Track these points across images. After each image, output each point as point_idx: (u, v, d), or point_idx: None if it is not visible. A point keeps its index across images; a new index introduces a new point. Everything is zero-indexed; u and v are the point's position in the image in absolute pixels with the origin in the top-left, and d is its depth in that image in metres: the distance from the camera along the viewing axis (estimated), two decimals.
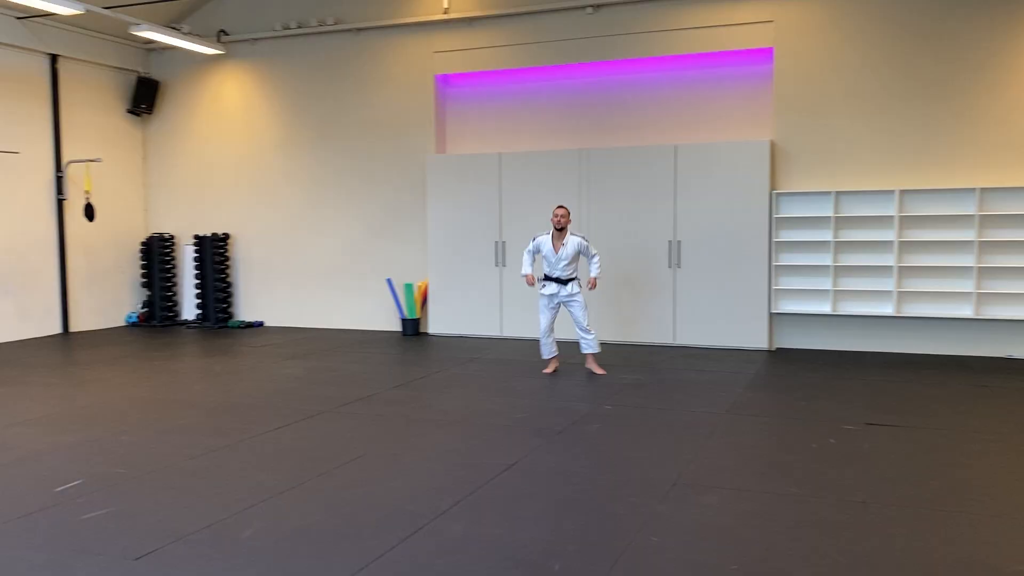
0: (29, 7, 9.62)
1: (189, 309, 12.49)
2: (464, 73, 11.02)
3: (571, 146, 10.65)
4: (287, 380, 8.04)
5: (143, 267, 12.49)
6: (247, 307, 12.33)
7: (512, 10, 10.51)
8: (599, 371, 8.17)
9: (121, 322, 12.38)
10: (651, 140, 10.37)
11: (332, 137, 11.65)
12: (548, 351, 8.27)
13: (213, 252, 12.06)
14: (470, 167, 10.71)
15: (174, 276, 12.56)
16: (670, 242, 9.87)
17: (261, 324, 12.16)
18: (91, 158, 11.48)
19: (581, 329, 8.07)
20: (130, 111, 12.34)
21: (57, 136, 11.31)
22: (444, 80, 11.24)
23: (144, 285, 12.50)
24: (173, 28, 11.21)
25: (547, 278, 8.10)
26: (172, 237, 12.53)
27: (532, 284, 8.15)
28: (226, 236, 12.20)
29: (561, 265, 7.98)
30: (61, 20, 10.82)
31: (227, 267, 12.22)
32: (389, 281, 11.33)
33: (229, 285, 12.25)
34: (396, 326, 11.41)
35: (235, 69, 12.11)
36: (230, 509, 4.34)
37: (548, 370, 8.27)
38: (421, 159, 11.11)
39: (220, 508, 4.36)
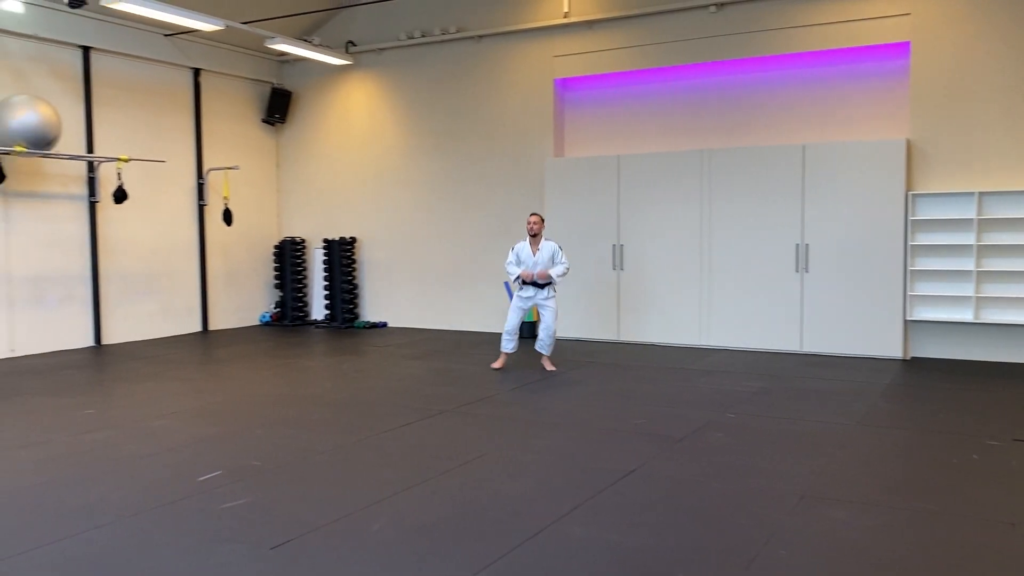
0: (175, 24, 10.28)
1: (318, 309, 13.02)
2: (583, 76, 11.01)
3: (692, 147, 10.46)
4: (410, 379, 8.25)
5: (276, 269, 13.11)
6: (372, 308, 12.74)
7: (633, 12, 10.43)
8: (551, 367, 8.68)
9: (255, 321, 13.03)
10: (777, 140, 10.06)
11: (452, 142, 11.89)
12: (510, 347, 8.72)
13: (340, 255, 12.53)
14: (589, 169, 10.69)
15: (304, 278, 13.12)
16: (797, 245, 9.54)
17: (385, 325, 12.53)
18: (229, 166, 12.14)
19: (547, 332, 8.64)
20: (265, 121, 12.98)
21: (199, 145, 12.03)
22: (563, 84, 11.27)
23: (277, 286, 13.12)
24: (305, 40, 11.71)
25: (524, 283, 8.61)
26: (303, 240, 13.10)
27: (530, 279, 8.53)
28: (353, 239, 12.64)
29: (538, 269, 8.49)
30: (203, 36, 11.50)
31: (354, 269, 12.67)
32: (507, 284, 11.44)
33: (355, 287, 12.69)
34: None
35: (362, 78, 12.54)
36: (359, 503, 4.49)
37: (497, 364, 8.77)
38: (539, 162, 11.18)
39: (349, 502, 4.52)
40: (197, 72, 11.91)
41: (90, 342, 10.64)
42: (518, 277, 8.59)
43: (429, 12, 11.78)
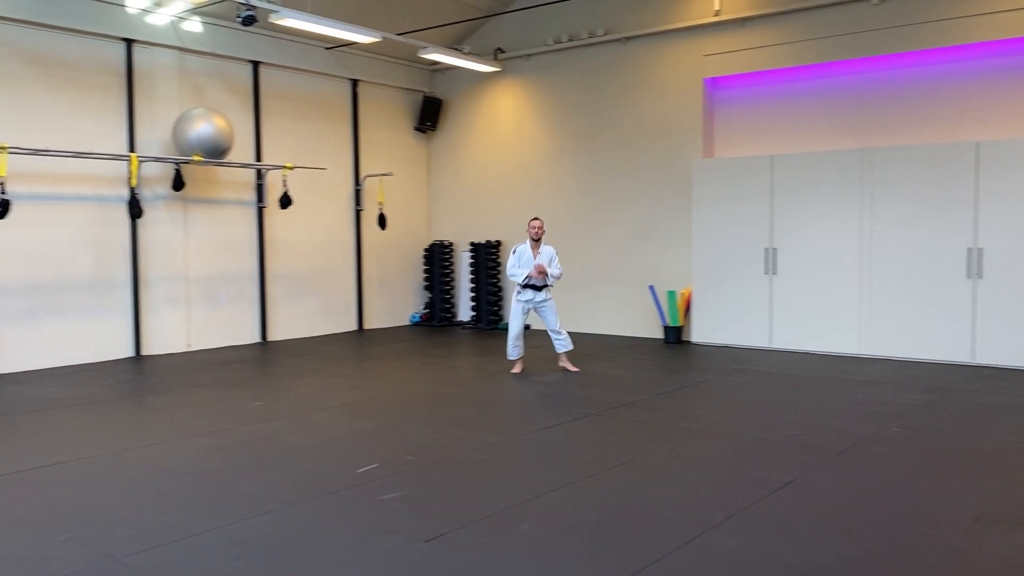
0: (335, 38, 10.82)
1: (464, 311, 13.33)
2: (735, 75, 10.72)
3: (851, 146, 9.97)
4: (554, 382, 8.30)
5: (425, 271, 13.54)
6: None
7: (788, 7, 10.06)
8: (572, 368, 8.78)
9: (406, 321, 13.49)
10: (946, 137, 9.42)
11: (598, 145, 11.87)
12: (517, 353, 8.74)
13: (486, 258, 12.77)
14: (739, 171, 10.39)
15: (452, 280, 13.46)
16: (969, 250, 8.89)
17: (527, 327, 12.63)
18: (384, 172, 12.64)
19: (553, 331, 8.72)
20: (417, 128, 13.44)
21: (356, 153, 12.60)
22: (713, 83, 11.01)
23: (426, 288, 13.54)
24: (455, 49, 12.03)
25: (524, 286, 8.65)
26: (451, 244, 13.45)
27: (543, 271, 8.56)
28: (498, 243, 12.86)
29: (536, 262, 8.53)
30: (360, 48, 12.04)
31: (498, 272, 12.88)
32: (651, 288, 11.30)
33: (500, 289, 12.90)
34: (658, 333, 11.35)
35: (510, 84, 12.75)
36: (508, 501, 4.56)
37: (516, 370, 8.73)
38: (687, 164, 10.97)
39: (499, 500, 4.59)
40: (355, 83, 12.48)
41: (257, 338, 11.35)
42: (528, 276, 8.59)
43: (576, 16, 11.82)
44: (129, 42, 9.82)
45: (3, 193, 8.22)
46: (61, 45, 9.30)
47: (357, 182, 12.61)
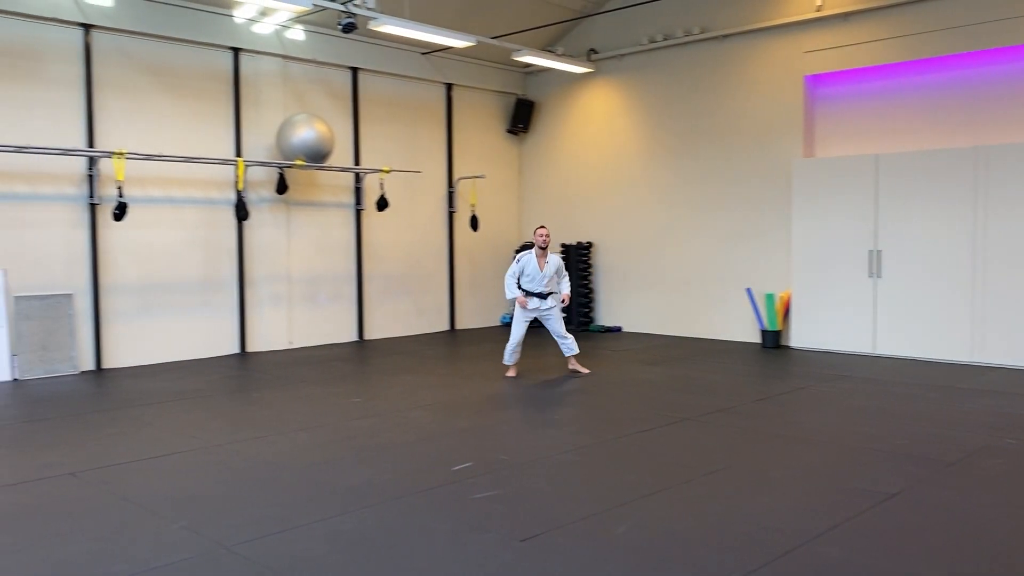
0: (431, 43, 11.01)
1: None
2: (836, 72, 10.38)
3: (963, 144, 9.51)
4: (647, 385, 8.21)
5: None
6: (607, 312, 12.84)
7: (895, 0, 9.68)
8: (583, 370, 8.84)
9: (496, 322, 13.60)
10: None
11: (693, 145, 11.69)
12: (514, 359, 8.69)
13: (577, 259, 12.75)
14: (842, 170, 10.05)
15: None
16: None
17: (619, 329, 12.58)
18: (477, 175, 12.78)
19: (559, 336, 8.75)
20: (509, 131, 13.54)
21: (450, 156, 12.79)
22: (814, 80, 10.69)
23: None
24: (549, 51, 12.06)
25: (528, 293, 8.58)
26: None
27: (525, 306, 8.56)
28: (589, 244, 12.82)
29: (544, 281, 8.53)
30: (455, 53, 12.21)
31: (589, 274, 12.84)
32: (749, 291, 11.06)
33: (591, 291, 12.86)
34: (755, 337, 11.09)
35: (602, 85, 12.69)
36: (603, 504, 4.54)
37: (511, 374, 8.68)
38: (786, 164, 10.68)
39: (594, 502, 4.58)
40: (449, 87, 12.66)
41: (354, 337, 11.65)
42: (516, 298, 8.57)
43: (672, 15, 11.68)
44: (236, 51, 10.24)
45: (120, 196, 8.69)
46: (175, 55, 9.77)
47: (450, 184, 12.79)
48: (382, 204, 11.22)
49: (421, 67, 12.17)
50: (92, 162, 9.04)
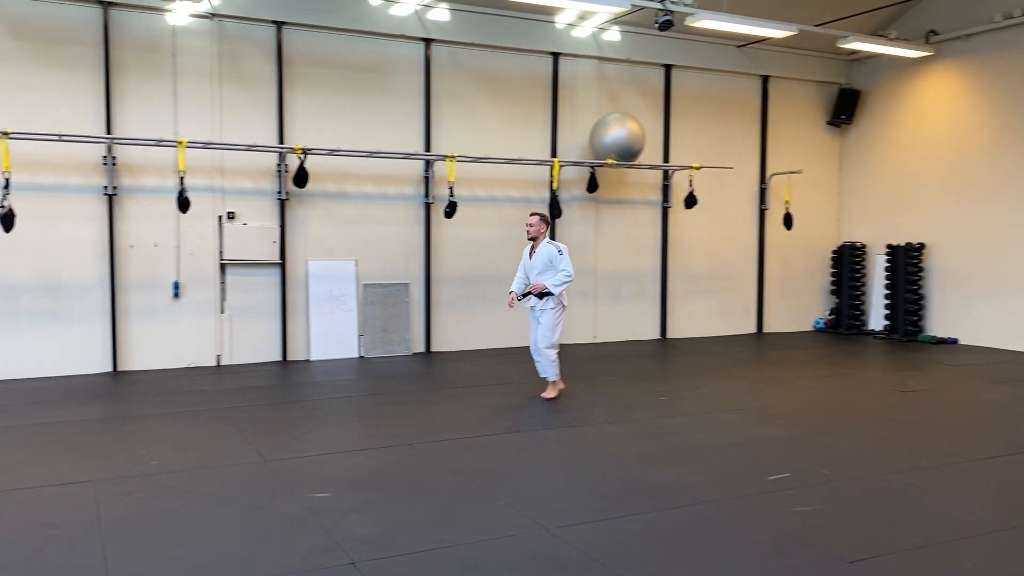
0: (749, 35, 10.64)
1: (876, 319, 12.28)
2: None
3: None
4: (990, 406, 7.26)
5: (832, 275, 12.74)
6: (939, 322, 11.54)
7: None
8: (545, 395, 7.27)
9: (808, 327, 12.84)
10: None
11: None
12: (550, 372, 7.27)
13: (906, 262, 11.62)
14: None
15: (863, 285, 12.49)
16: None
17: (954, 341, 11.25)
18: (792, 170, 12.15)
19: (534, 349, 7.27)
20: (830, 123, 12.69)
21: (763, 151, 12.29)
22: None
23: (833, 292, 12.74)
24: (879, 36, 11.10)
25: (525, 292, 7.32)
26: (863, 246, 12.48)
27: (511, 304, 7.39)
28: (921, 246, 11.61)
29: (534, 274, 7.23)
30: (773, 44, 11.69)
31: (920, 278, 11.64)
32: None
33: (921, 297, 11.65)
34: None
35: (942, 70, 11.42)
36: (944, 534, 4.08)
37: (548, 395, 7.27)
38: None
39: (932, 531, 4.14)
40: (765, 79, 12.16)
41: (656, 335, 11.65)
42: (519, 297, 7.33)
43: None
44: (555, 55, 10.68)
45: (451, 196, 9.47)
46: (500, 62, 10.42)
47: (763, 180, 12.29)
48: (690, 201, 11.08)
49: (736, 60, 11.82)
50: (428, 165, 9.96)
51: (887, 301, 11.90)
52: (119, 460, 5.37)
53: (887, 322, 11.93)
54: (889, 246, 11.88)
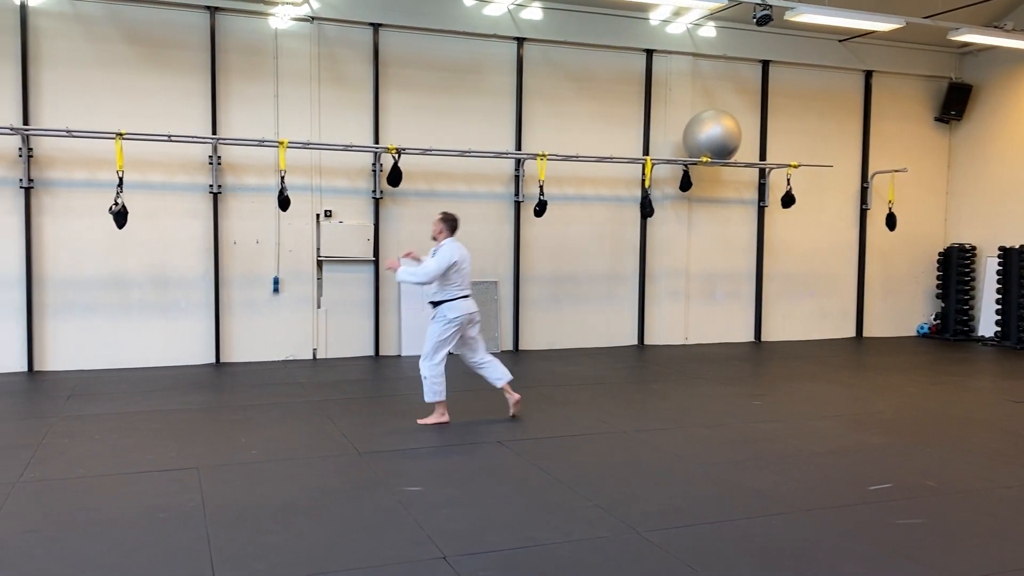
0: (852, 29, 10.26)
1: (986, 325, 11.67)
2: None
3: None
4: None
5: (939, 278, 12.17)
6: None
7: None
8: (423, 420, 6.34)
9: (911, 332, 12.30)
10: None
11: None
12: (503, 380, 6.62)
13: (1020, 265, 11.00)
14: None
15: (972, 289, 11.89)
16: None
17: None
18: (896, 168, 11.65)
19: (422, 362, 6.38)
20: (938, 119, 12.12)
21: (865, 149, 11.83)
22: None
23: (939, 296, 12.17)
24: (995, 27, 10.52)
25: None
26: (973, 248, 11.87)
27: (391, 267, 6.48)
28: None
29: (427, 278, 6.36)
30: (876, 37, 11.24)
31: None
32: None
33: None
34: None
35: None
36: None
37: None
38: None
39: None
40: (868, 74, 11.71)
41: (750, 337, 11.37)
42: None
43: None
44: (649, 52, 10.55)
45: (541, 195, 9.46)
46: (593, 60, 10.35)
47: (864, 179, 11.84)
48: (788, 200, 10.76)
49: (837, 55, 11.42)
50: (519, 164, 9.98)
51: (999, 306, 11.28)
52: (222, 448, 5.58)
53: (998, 328, 11.31)
54: (1002, 248, 11.26)
